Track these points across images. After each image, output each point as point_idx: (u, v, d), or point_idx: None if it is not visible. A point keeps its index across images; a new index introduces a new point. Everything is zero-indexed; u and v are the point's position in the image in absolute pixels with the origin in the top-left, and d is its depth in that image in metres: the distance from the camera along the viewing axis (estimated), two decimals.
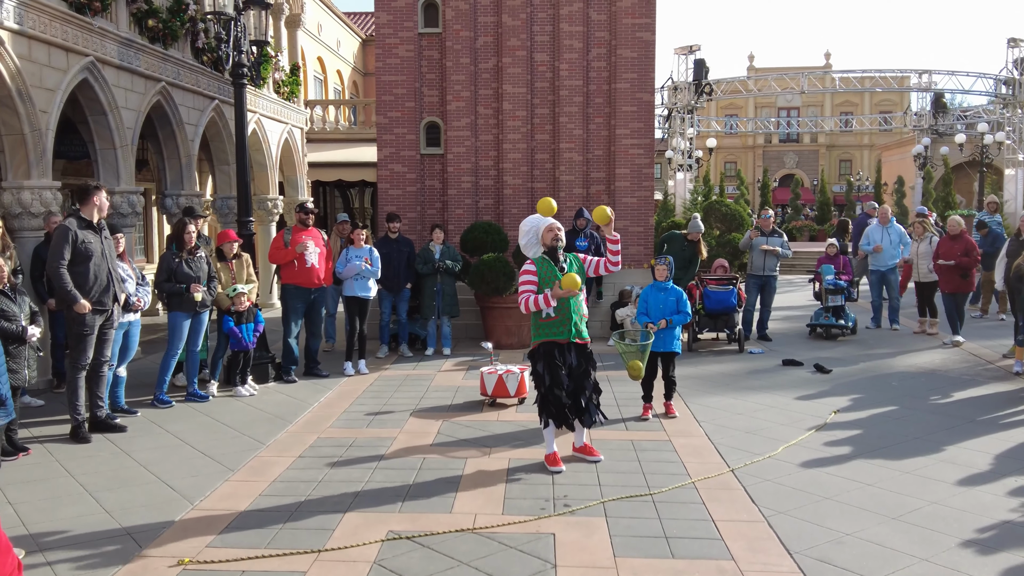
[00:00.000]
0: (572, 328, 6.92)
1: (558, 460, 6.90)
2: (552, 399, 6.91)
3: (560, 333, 6.90)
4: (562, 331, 6.90)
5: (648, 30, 14.31)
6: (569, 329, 6.91)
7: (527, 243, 7.04)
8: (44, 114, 10.43)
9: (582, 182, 14.56)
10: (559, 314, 6.87)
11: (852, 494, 6.21)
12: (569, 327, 6.90)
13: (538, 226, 6.99)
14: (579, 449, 7.19)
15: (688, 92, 30.92)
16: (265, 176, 18.48)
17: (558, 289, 6.69)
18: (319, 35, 27.56)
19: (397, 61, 14.44)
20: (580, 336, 6.99)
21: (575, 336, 6.95)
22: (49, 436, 7.92)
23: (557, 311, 6.86)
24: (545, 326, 6.92)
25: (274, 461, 7.10)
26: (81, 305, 7.59)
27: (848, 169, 62.66)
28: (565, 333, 6.91)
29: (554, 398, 6.90)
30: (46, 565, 5.00)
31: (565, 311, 6.88)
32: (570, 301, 6.88)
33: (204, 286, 9.29)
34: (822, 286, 13.86)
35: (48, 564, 5.02)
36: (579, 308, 7.00)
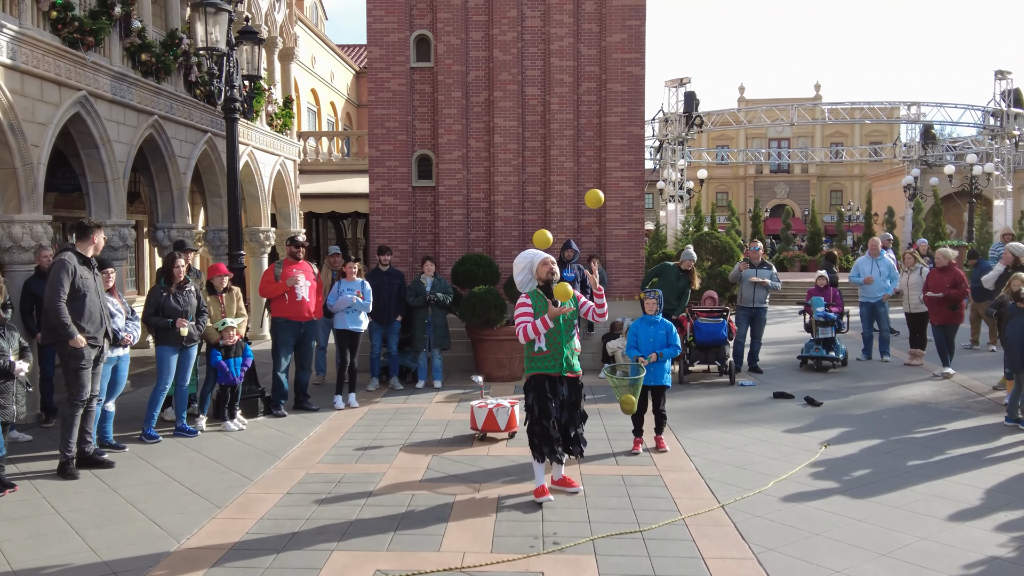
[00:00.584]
0: (563, 362, 6.98)
1: (546, 491, 6.95)
2: (539, 431, 6.95)
3: (552, 367, 6.95)
4: (553, 364, 6.95)
5: (638, 64, 14.45)
6: (560, 363, 6.97)
7: (522, 279, 7.15)
8: (36, 148, 10.46)
9: (573, 214, 14.63)
10: (551, 348, 6.94)
11: (842, 530, 6.20)
12: (560, 360, 6.96)
13: (533, 261, 7.10)
14: (557, 482, 7.23)
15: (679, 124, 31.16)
16: (257, 208, 18.51)
17: (553, 308, 6.79)
18: (313, 67, 27.74)
19: (389, 95, 14.55)
20: (571, 369, 7.04)
21: (566, 370, 7.00)
22: (36, 472, 7.86)
23: (549, 345, 6.93)
24: (537, 359, 6.98)
25: (262, 498, 7.06)
26: (77, 340, 7.57)
27: (839, 199, 63.01)
28: (556, 367, 6.96)
29: (540, 430, 6.94)
30: None
31: (557, 345, 6.94)
32: (561, 335, 6.94)
33: (192, 320, 9.27)
34: (812, 318, 13.90)
35: None
36: (571, 342, 7.06)
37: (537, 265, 7.06)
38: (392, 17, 14.49)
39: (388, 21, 14.49)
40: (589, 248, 14.52)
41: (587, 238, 14.66)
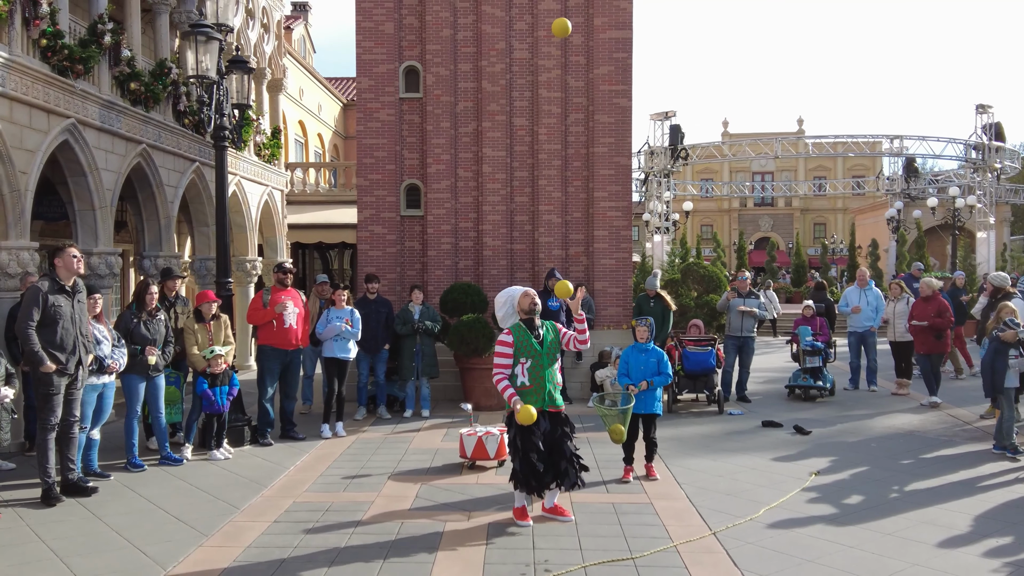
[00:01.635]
0: (545, 397, 7.02)
1: (526, 515, 7.01)
2: (524, 466, 6.95)
3: (534, 402, 6.92)
4: (536, 400, 6.95)
5: (625, 96, 14.58)
6: (543, 398, 7.00)
7: (504, 315, 7.23)
8: (24, 175, 10.42)
9: (561, 243, 14.67)
10: (533, 383, 6.98)
11: (834, 556, 6.18)
12: (543, 396, 7.01)
13: (514, 296, 7.19)
14: (549, 510, 7.21)
15: (664, 156, 31.44)
16: (244, 237, 18.47)
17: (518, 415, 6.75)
18: (301, 99, 27.85)
19: (378, 125, 14.61)
20: (553, 404, 7.07)
21: (548, 404, 7.03)
22: (20, 500, 7.75)
23: (532, 380, 6.98)
24: (520, 395, 6.95)
25: (249, 526, 6.97)
26: (46, 366, 7.50)
27: (823, 232, 63.51)
28: (539, 402, 6.96)
29: (526, 465, 6.95)
30: None
31: (539, 380, 6.99)
32: (545, 371, 7.01)
33: (160, 350, 9.20)
34: (800, 347, 13.94)
35: None
36: (553, 377, 7.10)
37: (519, 298, 7.13)
38: (381, 48, 14.59)
39: (377, 52, 14.60)
40: (577, 277, 14.54)
41: (575, 267, 14.70)
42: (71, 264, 7.78)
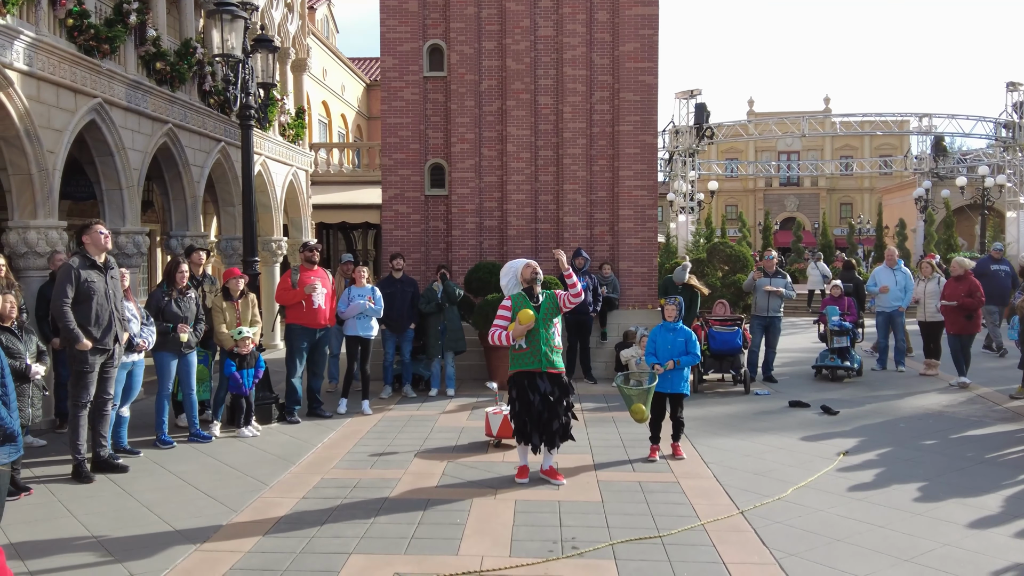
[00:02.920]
0: (543, 359, 7.48)
1: (524, 473, 7.62)
2: (518, 424, 7.60)
3: (531, 363, 7.50)
4: (532, 361, 7.49)
5: (651, 74, 14.45)
6: (540, 360, 7.48)
7: (507, 283, 7.84)
8: (51, 154, 10.50)
9: (586, 223, 14.60)
10: (530, 345, 7.48)
11: (864, 536, 6.13)
12: (539, 357, 7.48)
13: (516, 268, 7.78)
14: (545, 472, 7.64)
15: (689, 136, 31.19)
16: (270, 217, 18.55)
17: (517, 326, 7.42)
18: (324, 80, 27.85)
19: (402, 104, 14.57)
20: (552, 366, 7.53)
21: (547, 366, 7.50)
22: (51, 476, 7.85)
23: (528, 343, 7.48)
24: (518, 357, 7.56)
25: (278, 502, 7.02)
26: (83, 344, 7.56)
27: (849, 212, 62.90)
28: (535, 363, 7.49)
29: (519, 423, 7.59)
30: None
31: (535, 343, 7.47)
32: (540, 334, 7.48)
33: (191, 327, 9.24)
34: (827, 327, 13.82)
35: None
36: (549, 340, 7.53)
37: (521, 268, 7.69)
38: (405, 27, 14.53)
39: (401, 31, 14.53)
40: (601, 257, 14.49)
41: (599, 247, 14.63)
42: (99, 240, 7.81)
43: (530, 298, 7.56)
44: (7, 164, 10.25)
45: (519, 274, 7.70)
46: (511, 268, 7.84)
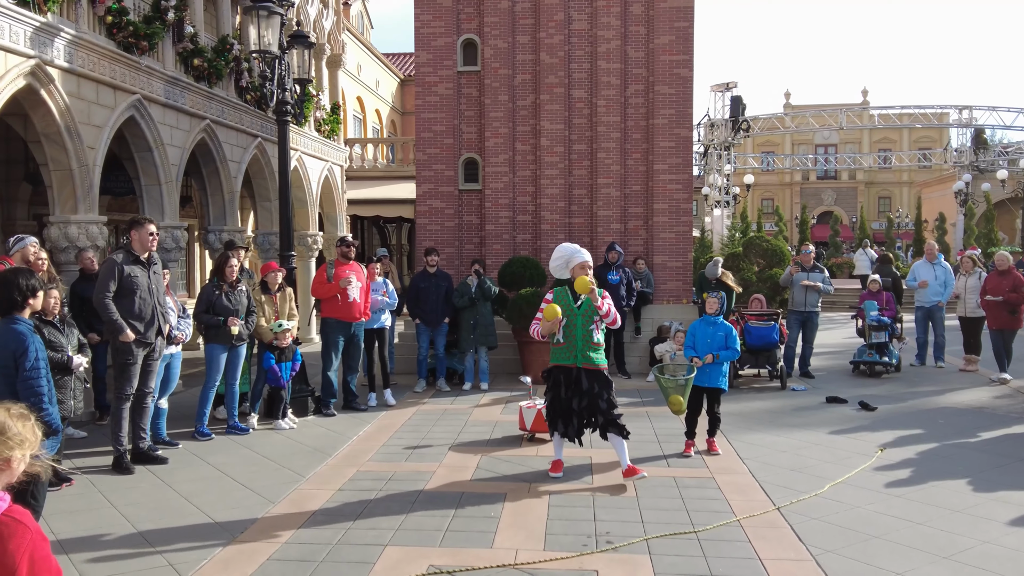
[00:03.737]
0: (578, 355, 7.39)
1: (558, 467, 7.60)
2: (550, 415, 7.61)
3: (567, 358, 7.44)
4: (568, 357, 7.43)
5: (686, 67, 14.35)
6: (575, 355, 7.40)
7: (556, 267, 7.65)
8: (91, 150, 10.65)
9: (620, 217, 14.55)
10: (567, 340, 7.42)
11: (902, 533, 6.06)
12: (575, 353, 7.39)
13: (571, 257, 7.55)
14: (625, 473, 7.38)
15: (725, 129, 30.94)
16: (305, 212, 18.69)
17: (544, 322, 7.38)
18: (359, 75, 27.99)
19: (436, 99, 14.60)
20: (589, 362, 7.41)
21: (582, 362, 7.39)
22: (92, 467, 7.98)
23: (565, 337, 7.42)
24: (556, 351, 7.52)
25: (314, 494, 7.09)
26: (127, 335, 7.68)
27: (887, 206, 62.08)
28: (571, 359, 7.42)
29: (551, 414, 7.59)
30: None
31: (572, 339, 7.39)
32: (577, 331, 7.39)
33: (242, 320, 9.35)
34: (865, 322, 13.65)
35: None
36: (588, 337, 7.40)
37: (576, 264, 7.48)
38: (439, 22, 14.55)
39: (435, 26, 14.56)
40: (636, 251, 14.43)
41: (634, 241, 14.57)
42: (146, 241, 7.93)
43: (572, 295, 7.43)
44: (48, 160, 10.41)
45: (570, 264, 7.50)
46: (564, 253, 7.59)
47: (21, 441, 2.82)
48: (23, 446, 2.83)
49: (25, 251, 8.03)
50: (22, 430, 2.84)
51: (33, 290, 5.12)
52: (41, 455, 2.96)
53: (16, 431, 2.82)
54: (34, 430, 2.90)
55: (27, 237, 8.21)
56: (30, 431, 2.87)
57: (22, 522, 2.72)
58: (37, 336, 5.14)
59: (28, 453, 2.86)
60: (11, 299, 5.04)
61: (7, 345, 4.97)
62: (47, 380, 5.05)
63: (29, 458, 2.88)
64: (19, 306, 5.07)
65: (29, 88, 9.59)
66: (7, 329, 5.03)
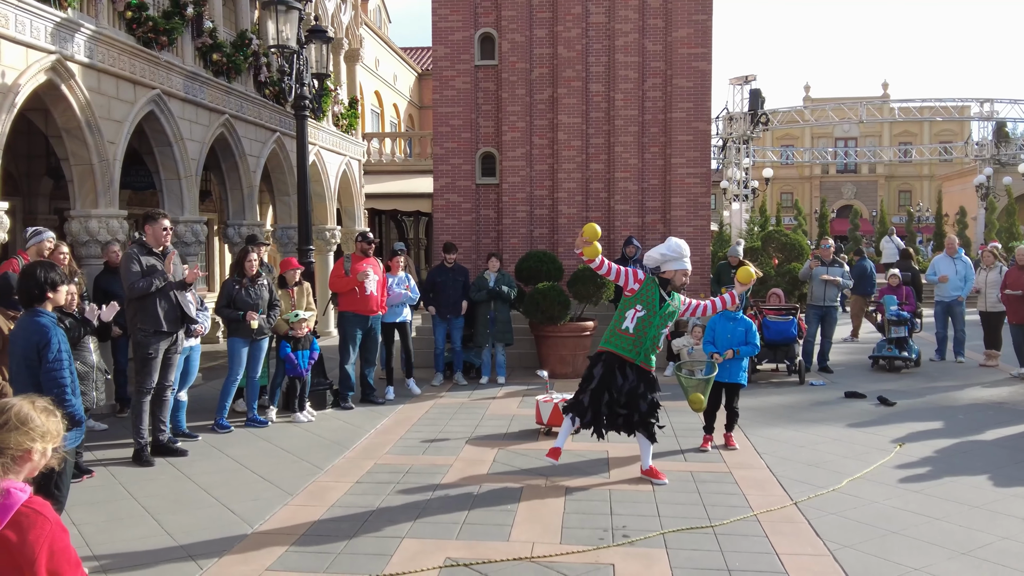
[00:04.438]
0: (640, 352, 7.10)
1: (556, 454, 7.19)
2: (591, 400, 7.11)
3: (628, 350, 7.10)
4: (631, 349, 7.10)
5: (704, 60, 14.29)
6: (637, 352, 7.09)
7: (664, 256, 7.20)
8: (112, 145, 10.73)
9: (637, 211, 14.52)
10: (636, 333, 7.07)
11: (920, 528, 6.03)
12: (639, 349, 7.08)
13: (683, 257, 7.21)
14: (646, 472, 7.30)
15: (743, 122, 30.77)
16: (323, 207, 18.75)
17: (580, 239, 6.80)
18: (376, 69, 28.03)
19: (453, 93, 14.61)
20: (646, 362, 7.17)
21: (641, 359, 7.12)
22: (112, 459, 8.06)
23: (635, 330, 7.07)
24: (618, 337, 7.14)
25: (332, 486, 7.13)
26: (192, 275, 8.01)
27: (908, 200, 61.56)
28: (632, 353, 7.09)
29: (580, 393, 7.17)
30: None
31: (642, 334, 7.08)
32: (650, 329, 7.07)
33: (263, 314, 9.41)
34: (884, 317, 13.57)
35: None
36: (656, 340, 7.16)
37: (679, 269, 7.19)
38: (457, 16, 14.55)
39: (453, 20, 14.56)
40: (653, 245, 14.33)
41: (651, 235, 14.53)
42: (160, 236, 7.97)
43: (662, 287, 7.12)
44: (69, 155, 10.50)
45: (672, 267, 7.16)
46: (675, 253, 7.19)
47: (43, 434, 2.86)
48: (45, 439, 2.87)
49: (41, 245, 8.10)
50: (45, 423, 2.88)
51: (54, 283, 5.18)
52: (62, 448, 3.00)
53: (39, 423, 2.86)
54: (57, 425, 2.94)
55: (44, 232, 8.29)
56: (53, 425, 2.91)
57: (42, 513, 2.77)
58: (60, 329, 5.20)
59: (49, 447, 2.90)
60: (32, 292, 5.11)
61: (30, 337, 5.04)
62: (70, 372, 5.10)
63: (50, 452, 2.92)
64: (40, 299, 5.13)
65: (50, 83, 9.67)
66: (30, 322, 5.09)
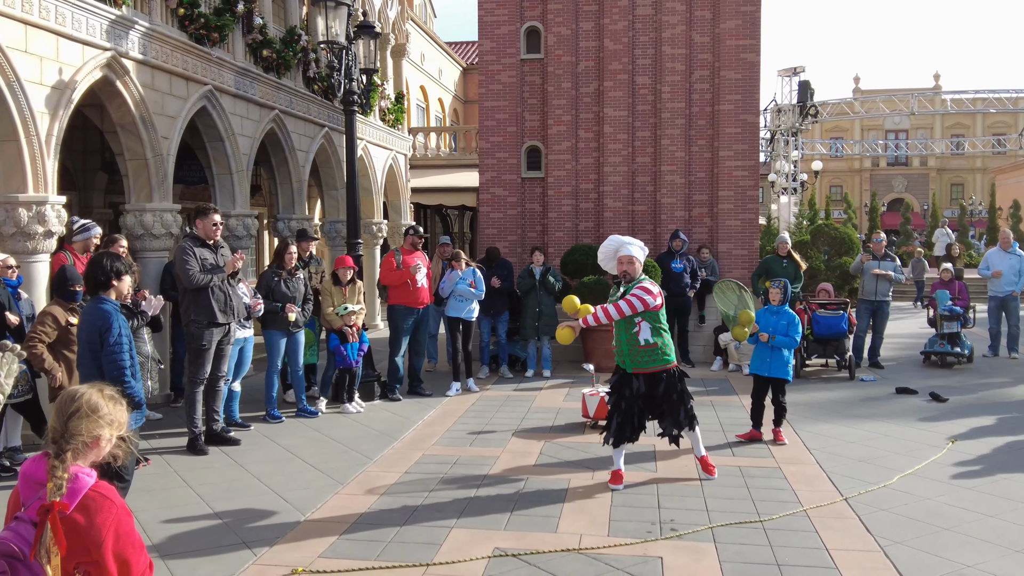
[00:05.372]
0: (627, 359, 6.96)
1: (618, 478, 6.95)
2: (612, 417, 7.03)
3: (619, 362, 7.07)
4: (619, 360, 7.06)
5: (753, 51, 14.15)
6: (624, 360, 7.00)
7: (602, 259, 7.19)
8: (165, 140, 10.93)
9: (684, 204, 14.43)
10: (616, 344, 7.06)
11: (972, 525, 5.95)
12: (624, 359, 6.99)
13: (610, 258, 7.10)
14: (700, 459, 7.28)
15: (792, 114, 30.37)
16: (370, 201, 18.91)
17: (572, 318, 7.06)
18: (422, 64, 28.16)
19: (499, 87, 14.64)
20: (640, 366, 6.93)
21: (631, 366, 6.95)
22: (167, 448, 8.24)
23: (615, 342, 7.06)
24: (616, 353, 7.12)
25: (382, 476, 7.22)
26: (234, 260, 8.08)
27: (960, 193, 60.32)
28: (621, 363, 7.03)
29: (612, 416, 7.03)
30: (166, 571, 5.19)
31: (619, 343, 7.01)
32: (621, 334, 6.98)
33: (299, 307, 9.54)
34: (937, 312, 13.35)
35: (168, 570, 5.21)
36: (631, 341, 6.91)
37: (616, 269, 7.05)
38: (503, 10, 14.57)
39: (499, 14, 14.59)
40: (700, 239, 14.31)
41: (698, 229, 14.45)
42: (210, 230, 8.13)
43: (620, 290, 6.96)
44: (124, 150, 10.71)
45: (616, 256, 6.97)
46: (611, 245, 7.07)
47: (111, 421, 2.95)
48: (112, 426, 2.96)
49: (88, 241, 8.30)
50: (113, 411, 2.97)
51: (119, 272, 5.35)
52: (127, 436, 3.09)
53: (107, 411, 2.95)
54: (124, 413, 3.03)
55: (93, 227, 8.49)
56: (120, 413, 3.00)
57: (108, 497, 2.86)
58: (121, 316, 5.35)
59: (116, 434, 2.99)
60: (98, 279, 5.28)
61: (93, 323, 5.21)
62: (130, 356, 5.26)
63: (116, 439, 3.01)
64: (105, 286, 5.29)
65: (105, 80, 9.87)
66: (94, 308, 5.27)
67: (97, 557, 2.79)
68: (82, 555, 2.80)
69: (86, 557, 2.81)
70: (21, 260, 8.28)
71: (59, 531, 2.73)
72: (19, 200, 8.40)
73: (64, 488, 2.78)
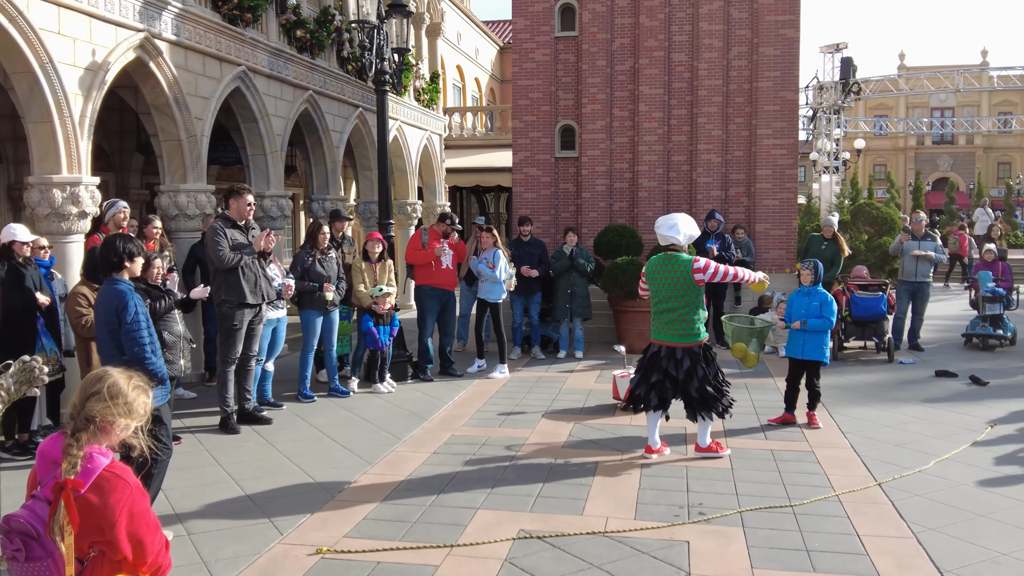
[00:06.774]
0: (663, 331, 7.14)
1: (652, 450, 7.20)
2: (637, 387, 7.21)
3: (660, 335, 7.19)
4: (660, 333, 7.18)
5: (792, 27, 13.87)
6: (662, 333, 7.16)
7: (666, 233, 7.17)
8: (199, 121, 10.98)
9: (720, 184, 14.24)
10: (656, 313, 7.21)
11: (1009, 512, 5.81)
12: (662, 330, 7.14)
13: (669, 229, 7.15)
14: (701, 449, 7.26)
15: (834, 91, 29.78)
16: (405, 181, 18.91)
17: None
18: (458, 43, 28.03)
19: (533, 65, 14.52)
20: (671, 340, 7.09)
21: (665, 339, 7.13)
22: (200, 427, 8.32)
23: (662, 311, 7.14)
24: None
25: (410, 456, 7.23)
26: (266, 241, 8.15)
27: (1007, 172, 58.88)
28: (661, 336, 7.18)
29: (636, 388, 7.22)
30: (192, 548, 5.24)
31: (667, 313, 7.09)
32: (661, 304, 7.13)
33: (335, 286, 9.57)
34: (979, 294, 13.05)
35: (194, 547, 5.26)
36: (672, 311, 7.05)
37: None
38: None
39: None
40: (737, 219, 14.11)
41: (735, 209, 14.25)
42: (243, 210, 8.17)
43: None
44: (158, 131, 10.79)
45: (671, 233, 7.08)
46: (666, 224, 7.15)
47: (128, 412, 2.93)
48: (129, 416, 2.94)
49: (116, 217, 8.36)
50: (133, 400, 2.95)
51: (131, 254, 5.37)
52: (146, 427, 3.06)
53: (126, 400, 2.93)
54: (146, 405, 3.01)
55: (117, 202, 8.56)
56: (141, 405, 2.98)
57: (123, 478, 2.86)
58: (137, 295, 5.39)
59: (131, 423, 2.97)
60: (111, 261, 5.31)
61: (109, 303, 5.25)
62: (149, 333, 5.28)
63: (131, 430, 2.99)
64: (118, 267, 5.33)
65: (139, 61, 9.93)
66: (108, 289, 5.31)
67: (111, 536, 2.80)
68: (96, 534, 2.82)
69: (100, 536, 2.82)
70: (55, 241, 8.39)
71: (72, 509, 2.74)
72: (53, 181, 8.49)
73: (79, 467, 2.79)
